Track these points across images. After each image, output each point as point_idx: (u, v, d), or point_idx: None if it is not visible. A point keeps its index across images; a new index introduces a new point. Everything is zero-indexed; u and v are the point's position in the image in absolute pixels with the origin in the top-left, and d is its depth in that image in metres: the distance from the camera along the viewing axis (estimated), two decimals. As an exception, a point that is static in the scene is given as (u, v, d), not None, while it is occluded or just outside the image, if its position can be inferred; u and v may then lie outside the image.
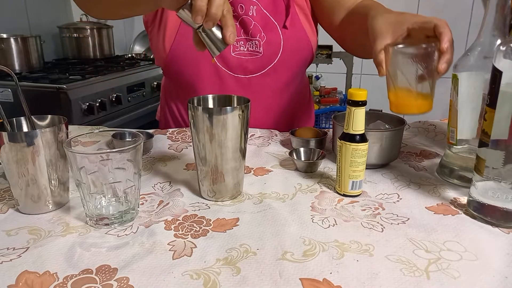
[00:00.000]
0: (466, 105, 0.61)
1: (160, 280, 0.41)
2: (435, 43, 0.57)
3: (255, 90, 0.93)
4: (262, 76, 0.92)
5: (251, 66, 0.91)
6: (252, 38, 0.90)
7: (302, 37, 0.93)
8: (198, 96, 0.61)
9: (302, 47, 0.94)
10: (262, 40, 0.90)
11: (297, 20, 0.92)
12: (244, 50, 0.90)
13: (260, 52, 0.90)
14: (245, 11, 0.89)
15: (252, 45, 0.90)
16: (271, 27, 0.90)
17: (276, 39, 0.90)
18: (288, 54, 0.92)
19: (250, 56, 0.91)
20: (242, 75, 0.92)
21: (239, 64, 0.91)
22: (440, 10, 2.52)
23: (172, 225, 0.52)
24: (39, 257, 0.45)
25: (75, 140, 0.53)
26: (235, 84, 0.93)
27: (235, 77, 0.92)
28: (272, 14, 0.91)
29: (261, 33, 0.90)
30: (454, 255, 0.46)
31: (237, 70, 0.92)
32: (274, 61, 0.91)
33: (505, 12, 0.56)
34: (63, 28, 2.08)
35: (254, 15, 0.89)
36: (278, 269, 0.43)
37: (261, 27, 0.90)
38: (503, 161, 0.49)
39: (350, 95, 0.57)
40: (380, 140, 0.67)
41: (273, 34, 0.90)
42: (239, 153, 0.57)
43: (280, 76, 0.94)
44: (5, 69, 0.57)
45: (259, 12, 0.90)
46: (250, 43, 0.90)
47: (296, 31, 0.92)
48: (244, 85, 0.93)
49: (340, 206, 0.57)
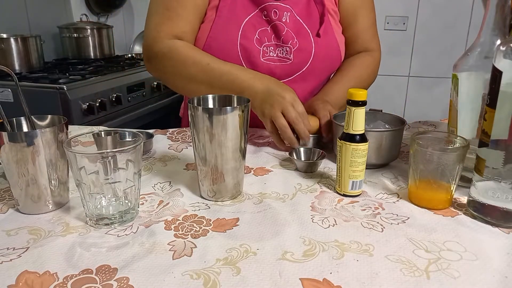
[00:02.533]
0: (466, 105, 0.61)
1: (160, 280, 0.41)
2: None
3: None
4: (289, 83, 0.92)
5: (280, 72, 0.91)
6: (284, 44, 0.89)
7: (333, 46, 0.93)
8: (198, 96, 0.61)
9: (332, 56, 0.94)
10: (294, 47, 0.89)
11: (330, 29, 0.93)
12: (273, 56, 0.90)
13: (290, 59, 0.90)
14: (278, 17, 0.88)
15: (283, 51, 0.90)
16: (304, 34, 0.90)
17: (308, 47, 0.90)
18: (318, 62, 0.92)
19: (279, 62, 0.90)
20: None
21: (268, 69, 0.89)
22: (440, 10, 2.52)
23: (172, 225, 0.52)
24: (39, 257, 0.45)
25: (75, 140, 0.53)
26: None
27: None
28: (305, 21, 0.90)
29: (294, 39, 0.89)
30: (454, 255, 0.46)
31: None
32: (303, 69, 0.92)
33: (505, 12, 0.56)
34: (63, 28, 2.08)
35: (287, 22, 0.89)
36: (278, 269, 0.43)
37: (294, 33, 0.89)
38: (503, 161, 0.49)
39: (350, 95, 0.57)
40: (380, 140, 0.67)
41: (305, 41, 0.90)
42: (239, 153, 0.57)
43: (308, 83, 0.94)
44: (5, 69, 0.57)
45: (292, 18, 0.89)
46: (281, 49, 0.90)
47: (328, 40, 0.92)
48: None
49: (340, 206, 0.57)
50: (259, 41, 0.88)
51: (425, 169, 0.55)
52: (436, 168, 0.54)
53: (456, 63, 0.61)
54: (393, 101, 2.77)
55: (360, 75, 0.97)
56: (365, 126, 0.59)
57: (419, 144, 0.55)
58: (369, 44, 1.01)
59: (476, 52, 0.59)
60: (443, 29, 2.55)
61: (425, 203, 0.56)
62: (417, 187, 0.57)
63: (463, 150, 0.54)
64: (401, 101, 2.78)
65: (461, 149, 0.54)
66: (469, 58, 0.60)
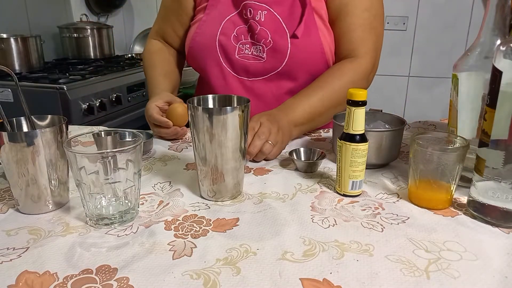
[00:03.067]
0: (466, 105, 0.61)
1: (160, 280, 0.41)
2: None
3: (258, 93, 0.93)
4: (265, 81, 0.92)
5: (254, 70, 0.92)
6: (257, 42, 0.90)
7: (315, 49, 0.88)
8: (198, 96, 0.61)
9: (313, 59, 0.89)
10: (267, 46, 0.89)
11: (314, 30, 0.88)
12: (248, 54, 0.91)
13: (263, 58, 0.90)
14: (253, 15, 0.89)
15: (257, 49, 0.90)
16: (281, 34, 0.89)
17: (283, 47, 0.88)
18: (294, 64, 0.89)
19: (253, 60, 0.91)
20: (245, 77, 0.93)
21: (243, 66, 0.92)
22: (440, 10, 2.52)
23: (172, 225, 0.52)
24: (39, 257, 0.45)
25: (75, 140, 0.53)
26: (238, 85, 0.94)
27: (238, 79, 0.94)
28: (285, 20, 0.89)
29: (267, 38, 0.89)
30: (454, 255, 0.46)
31: (240, 72, 0.93)
32: (278, 69, 0.91)
33: (505, 12, 0.56)
34: (63, 28, 2.08)
35: (261, 20, 0.89)
36: (278, 269, 0.43)
37: (270, 32, 0.89)
38: (503, 161, 0.49)
39: (350, 95, 0.57)
40: (380, 140, 0.67)
41: (281, 42, 0.88)
42: (239, 153, 0.57)
43: (284, 83, 0.93)
44: (5, 69, 0.57)
45: (270, 17, 0.89)
46: (255, 47, 0.90)
47: (309, 42, 0.88)
48: (247, 87, 0.94)
49: (340, 206, 0.57)
50: (236, 38, 0.91)
51: (425, 169, 0.55)
52: (436, 168, 0.54)
53: (456, 63, 0.61)
54: (393, 101, 2.77)
55: (323, 88, 0.86)
56: (365, 126, 0.59)
57: (419, 144, 0.55)
58: (354, 48, 0.88)
59: (476, 52, 0.59)
60: (443, 29, 2.55)
61: (425, 203, 0.56)
62: (417, 187, 0.57)
63: (463, 150, 0.54)
64: (401, 101, 2.78)
65: (461, 149, 0.54)
66: (469, 58, 0.60)
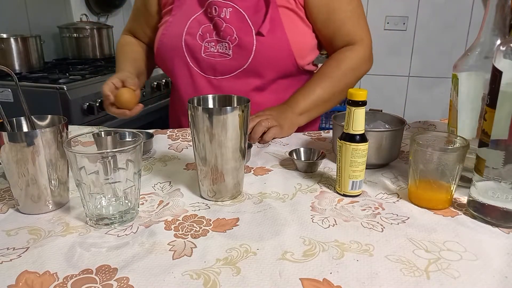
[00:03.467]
0: (466, 105, 0.61)
1: (160, 280, 0.41)
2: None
3: (225, 91, 0.93)
4: (231, 79, 0.93)
5: (220, 67, 0.92)
6: (223, 40, 0.90)
7: (282, 46, 0.89)
8: (198, 96, 0.61)
9: (279, 56, 0.90)
10: (233, 43, 0.89)
11: (279, 27, 0.89)
12: (214, 51, 0.91)
13: (229, 55, 0.90)
14: (218, 13, 0.90)
15: (222, 46, 0.91)
16: (246, 31, 0.89)
17: (248, 44, 0.89)
18: (260, 61, 0.90)
19: (219, 58, 0.91)
20: (212, 76, 0.94)
21: (209, 65, 0.92)
22: (440, 10, 2.52)
23: (172, 225, 0.52)
24: (39, 257, 0.45)
25: (75, 140, 0.53)
26: (206, 85, 0.94)
27: (206, 78, 0.94)
28: (251, 18, 0.89)
29: (233, 35, 0.89)
30: (454, 255, 0.46)
31: (207, 71, 0.93)
32: (244, 66, 0.91)
33: (505, 12, 0.56)
34: (63, 28, 2.08)
35: (227, 17, 0.89)
36: (278, 269, 0.43)
37: (235, 29, 0.89)
38: (503, 161, 0.49)
39: (350, 95, 0.57)
40: (380, 140, 0.67)
41: (246, 38, 0.89)
42: (239, 153, 0.57)
43: (252, 81, 0.93)
44: (5, 69, 0.57)
45: (236, 14, 0.89)
46: (221, 45, 0.91)
47: (275, 39, 0.89)
48: (214, 86, 0.94)
49: (340, 206, 0.57)
50: (201, 37, 0.92)
51: (425, 169, 0.55)
52: (436, 168, 0.54)
53: (456, 63, 0.61)
54: (393, 101, 2.77)
55: (331, 76, 0.92)
56: (365, 126, 0.59)
57: (419, 144, 0.55)
58: (351, 37, 0.94)
59: (476, 52, 0.59)
60: (443, 29, 2.55)
61: (425, 203, 0.56)
62: (417, 187, 0.57)
63: (463, 150, 0.54)
64: (401, 101, 2.78)
65: (461, 149, 0.54)
66: (469, 58, 0.60)
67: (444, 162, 0.54)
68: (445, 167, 0.54)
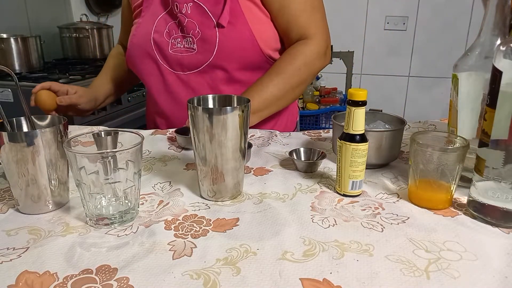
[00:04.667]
0: (466, 105, 0.61)
1: (160, 280, 0.41)
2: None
3: (194, 86, 0.94)
4: (199, 73, 0.93)
5: (187, 62, 0.93)
6: (187, 35, 0.91)
7: (245, 37, 0.89)
8: (198, 96, 0.61)
9: (243, 47, 0.89)
10: (196, 37, 0.90)
11: (240, 18, 0.88)
12: (181, 47, 0.92)
13: (194, 49, 0.91)
14: (179, 9, 0.90)
15: (188, 42, 0.92)
16: (208, 24, 0.89)
17: (211, 37, 0.89)
18: (224, 53, 0.89)
19: (186, 53, 0.92)
20: (180, 71, 0.94)
21: (177, 60, 0.93)
22: (440, 10, 2.52)
23: (172, 225, 0.52)
24: (39, 257, 0.45)
25: (75, 140, 0.53)
26: (175, 80, 0.95)
27: (174, 73, 0.95)
28: (211, 10, 0.89)
29: (196, 29, 0.90)
30: (454, 255, 0.46)
31: (175, 67, 0.94)
32: (210, 59, 0.91)
33: (505, 12, 0.56)
34: (63, 28, 2.08)
35: (188, 12, 0.90)
36: (278, 269, 0.43)
37: (197, 23, 0.90)
38: (503, 161, 0.49)
39: (350, 95, 0.57)
40: (380, 140, 0.67)
41: (209, 31, 0.89)
42: (239, 153, 0.57)
43: (217, 74, 0.93)
44: (5, 69, 0.57)
45: (196, 8, 0.90)
46: (186, 40, 0.92)
47: (236, 30, 0.88)
48: (184, 82, 0.95)
49: (340, 206, 0.57)
50: (168, 34, 0.93)
51: (425, 169, 0.55)
52: (436, 168, 0.54)
53: (456, 63, 0.61)
54: (393, 101, 2.77)
55: (284, 72, 0.89)
56: (365, 126, 0.59)
57: (419, 144, 0.55)
58: (305, 30, 0.91)
59: (476, 52, 0.59)
60: (443, 29, 2.55)
61: (425, 203, 0.56)
62: (417, 187, 0.57)
63: (463, 150, 0.54)
64: (401, 101, 2.78)
65: (461, 149, 0.54)
66: (469, 58, 0.60)
67: (444, 162, 0.54)
68: (445, 167, 0.54)
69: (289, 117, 1.06)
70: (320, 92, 2.51)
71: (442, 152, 0.54)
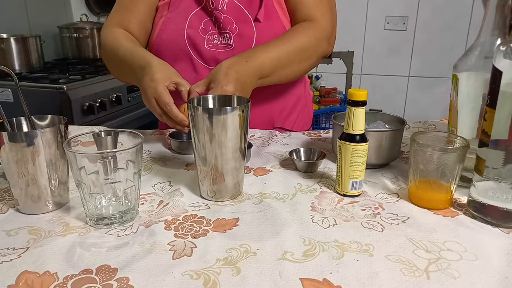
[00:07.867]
0: (466, 105, 0.61)
1: (160, 280, 0.41)
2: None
3: None
4: None
5: (224, 58, 0.89)
6: (224, 31, 0.91)
7: (279, 31, 0.90)
8: (198, 96, 0.61)
9: None
10: (233, 33, 0.90)
11: (274, 13, 0.91)
12: (217, 43, 0.92)
13: (231, 45, 0.91)
14: (215, 6, 0.91)
15: (225, 38, 0.92)
16: (244, 19, 0.90)
17: (249, 32, 0.90)
18: None
19: (223, 49, 0.92)
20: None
21: (212, 56, 0.93)
22: (440, 10, 2.52)
23: (172, 225, 0.52)
24: (39, 257, 0.45)
25: (75, 140, 0.53)
26: None
27: (209, 69, 0.93)
28: (245, 6, 0.91)
29: (233, 25, 0.90)
30: (454, 255, 0.46)
31: (210, 63, 0.93)
32: None
33: (505, 12, 0.56)
34: (63, 28, 2.08)
35: (224, 9, 0.90)
36: (278, 269, 0.43)
37: (233, 19, 0.90)
38: (503, 161, 0.49)
39: (350, 95, 0.57)
40: (380, 140, 0.67)
41: (246, 27, 0.90)
42: (239, 153, 0.57)
43: None
44: (5, 69, 0.57)
45: (232, 4, 0.91)
46: (223, 36, 0.92)
47: (272, 25, 0.90)
48: None
49: (340, 206, 0.57)
50: (203, 30, 0.93)
51: (425, 169, 0.55)
52: (436, 168, 0.54)
53: (456, 63, 0.61)
54: (393, 101, 2.77)
55: (289, 40, 0.86)
56: (365, 126, 0.59)
57: (419, 144, 0.55)
58: (311, 12, 0.90)
59: (476, 52, 0.59)
60: (443, 29, 2.55)
61: (425, 203, 0.56)
62: (417, 187, 0.57)
63: (463, 150, 0.54)
64: (401, 101, 2.78)
65: (461, 149, 0.54)
66: (469, 58, 0.60)
67: (444, 162, 0.54)
68: (445, 167, 0.54)
69: (307, 116, 1.08)
70: (320, 92, 2.51)
71: (442, 152, 0.54)
